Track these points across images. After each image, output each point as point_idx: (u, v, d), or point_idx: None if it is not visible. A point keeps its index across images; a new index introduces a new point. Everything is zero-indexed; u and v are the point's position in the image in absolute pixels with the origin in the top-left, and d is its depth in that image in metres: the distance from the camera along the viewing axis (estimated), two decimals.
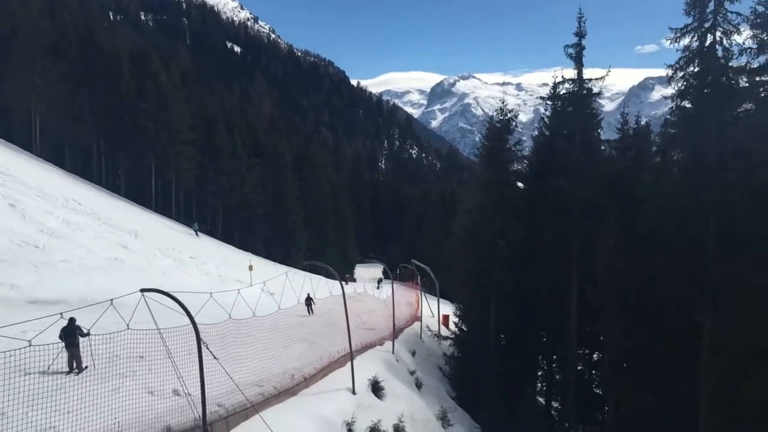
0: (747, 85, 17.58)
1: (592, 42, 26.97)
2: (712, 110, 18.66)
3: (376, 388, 18.52)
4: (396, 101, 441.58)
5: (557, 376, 28.47)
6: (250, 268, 38.10)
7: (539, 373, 30.33)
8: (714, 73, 18.56)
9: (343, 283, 27.06)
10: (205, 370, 13.06)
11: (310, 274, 33.06)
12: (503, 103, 28.60)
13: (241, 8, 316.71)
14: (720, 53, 18.74)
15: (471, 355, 28.32)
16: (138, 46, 65.27)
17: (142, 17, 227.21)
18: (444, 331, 35.41)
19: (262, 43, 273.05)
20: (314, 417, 14.41)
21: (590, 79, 26.36)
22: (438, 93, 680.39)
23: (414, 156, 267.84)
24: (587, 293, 22.22)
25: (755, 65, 17.23)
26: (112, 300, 10.23)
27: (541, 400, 30.44)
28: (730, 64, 18.46)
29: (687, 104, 19.74)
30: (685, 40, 19.37)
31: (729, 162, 17.03)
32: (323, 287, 24.82)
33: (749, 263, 14.93)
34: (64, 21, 54.30)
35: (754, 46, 16.98)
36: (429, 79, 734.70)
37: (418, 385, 23.06)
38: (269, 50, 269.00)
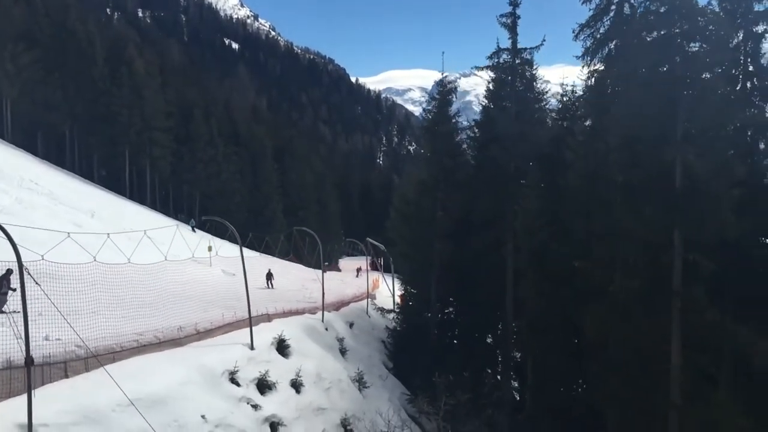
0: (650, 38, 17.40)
1: None
2: (619, 68, 18.55)
3: (282, 347, 18.50)
4: (397, 99, 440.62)
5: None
6: (209, 249, 38.28)
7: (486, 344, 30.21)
8: (618, 29, 18.44)
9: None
10: (75, 316, 13.30)
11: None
12: (443, 75, 28.51)
13: (241, 6, 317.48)
14: (627, 10, 18.62)
15: (411, 326, 28.32)
16: (114, 32, 65.44)
17: (140, 14, 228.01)
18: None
19: (260, 40, 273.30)
20: (192, 365, 14.40)
21: (525, 49, 26.28)
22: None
23: (412, 152, 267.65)
24: (509, 257, 22.15)
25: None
26: None
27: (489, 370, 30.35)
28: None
29: (600, 65, 19.64)
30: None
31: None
32: (228, 248, 24.99)
33: (625, 212, 14.84)
34: (36, 7, 54.50)
35: None
36: (430, 77, 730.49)
37: (342, 351, 23.06)
38: (267, 47, 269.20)
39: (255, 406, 14.83)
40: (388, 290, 39.94)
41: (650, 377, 14.87)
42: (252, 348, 17.15)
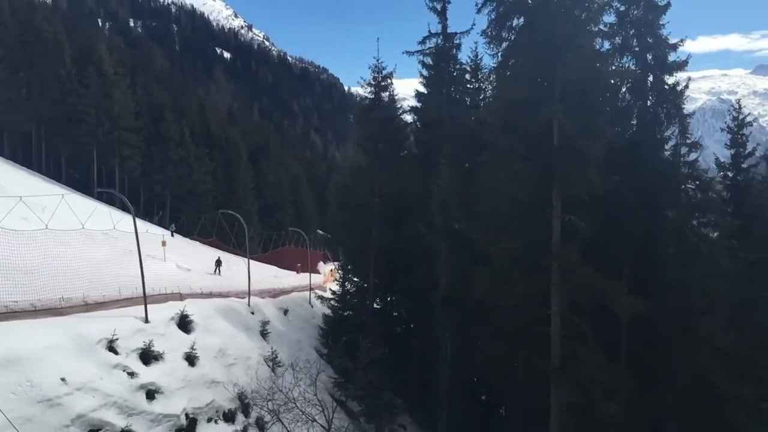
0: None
1: None
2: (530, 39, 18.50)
3: (184, 323, 18.30)
4: None
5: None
6: (163, 243, 38.19)
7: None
8: (523, 3, 18.40)
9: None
10: None
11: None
12: (377, 60, 28.48)
13: (235, 16, 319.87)
14: None
15: (348, 312, 28.17)
16: (82, 32, 65.56)
17: (131, 24, 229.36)
18: None
19: (253, 49, 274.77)
20: (66, 332, 14.16)
21: (455, 33, 26.35)
22: None
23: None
24: (424, 235, 22.06)
25: None
26: None
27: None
28: None
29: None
30: None
31: None
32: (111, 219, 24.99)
33: (504, 173, 14.79)
34: (1, 6, 54.64)
35: None
36: None
37: (264, 333, 22.84)
38: (259, 56, 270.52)
39: (131, 374, 14.58)
40: None
41: (533, 339, 14.72)
42: (146, 321, 16.95)
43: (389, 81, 28.47)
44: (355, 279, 29.08)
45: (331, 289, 31.53)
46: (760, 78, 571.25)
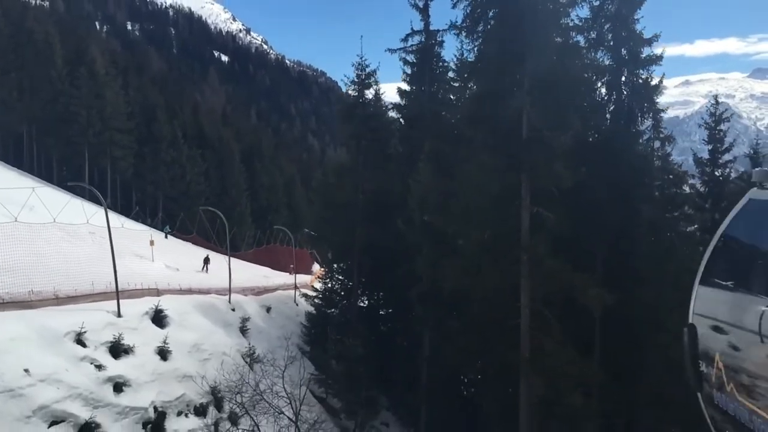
0: None
1: None
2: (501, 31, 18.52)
3: (159, 317, 18.23)
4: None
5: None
6: (151, 243, 38.12)
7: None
8: None
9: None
10: None
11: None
12: (361, 57, 28.47)
13: (234, 20, 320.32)
14: None
15: (331, 310, 28.12)
16: (75, 34, 65.63)
17: (129, 27, 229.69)
18: None
19: (250, 52, 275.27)
20: (32, 324, 14.10)
21: (437, 31, 26.37)
22: None
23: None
24: (404, 231, 22.02)
25: None
26: None
27: None
28: None
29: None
30: None
31: None
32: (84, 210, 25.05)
33: (474, 165, 14.76)
34: None
35: None
36: None
37: (243, 330, 22.76)
38: (257, 59, 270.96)
39: (99, 366, 14.48)
40: None
41: (504, 332, 14.67)
42: (119, 315, 16.88)
43: (373, 79, 28.40)
44: (340, 277, 29.00)
45: (313, 287, 31.46)
46: (758, 81, 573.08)
